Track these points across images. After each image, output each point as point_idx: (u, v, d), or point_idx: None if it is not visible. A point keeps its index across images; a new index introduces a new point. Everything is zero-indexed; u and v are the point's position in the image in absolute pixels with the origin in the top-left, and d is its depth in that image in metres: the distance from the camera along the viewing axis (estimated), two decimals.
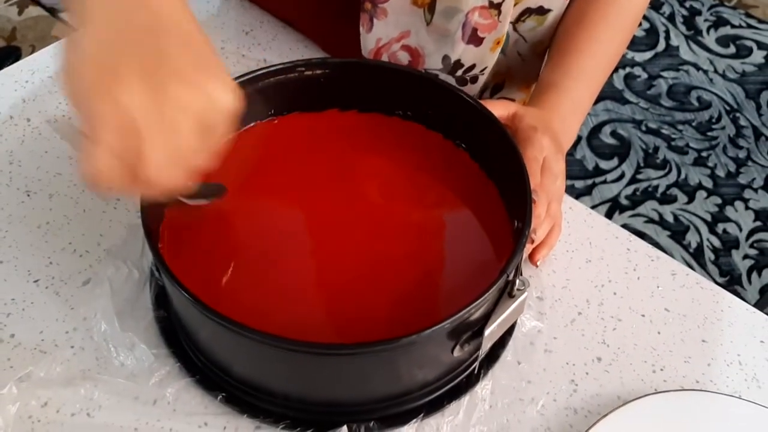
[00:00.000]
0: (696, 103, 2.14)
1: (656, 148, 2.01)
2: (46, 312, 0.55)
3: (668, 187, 1.92)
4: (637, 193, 1.89)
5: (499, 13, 0.63)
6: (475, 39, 0.65)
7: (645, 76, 2.21)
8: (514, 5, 0.68)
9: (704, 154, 2.01)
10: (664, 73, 2.22)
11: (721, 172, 1.97)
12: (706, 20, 2.40)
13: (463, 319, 0.47)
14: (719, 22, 2.40)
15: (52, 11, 2.18)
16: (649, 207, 1.87)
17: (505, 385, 0.54)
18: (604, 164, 1.95)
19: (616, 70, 2.20)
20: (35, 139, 0.66)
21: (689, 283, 0.62)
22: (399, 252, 0.57)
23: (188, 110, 0.34)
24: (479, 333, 0.50)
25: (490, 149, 0.59)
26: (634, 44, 2.29)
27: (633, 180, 1.92)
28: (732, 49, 2.32)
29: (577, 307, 0.59)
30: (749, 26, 2.40)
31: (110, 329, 0.53)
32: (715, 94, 2.17)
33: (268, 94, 0.61)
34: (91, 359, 0.53)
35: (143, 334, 0.53)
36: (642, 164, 1.97)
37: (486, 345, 0.51)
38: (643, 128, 2.06)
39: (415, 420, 0.51)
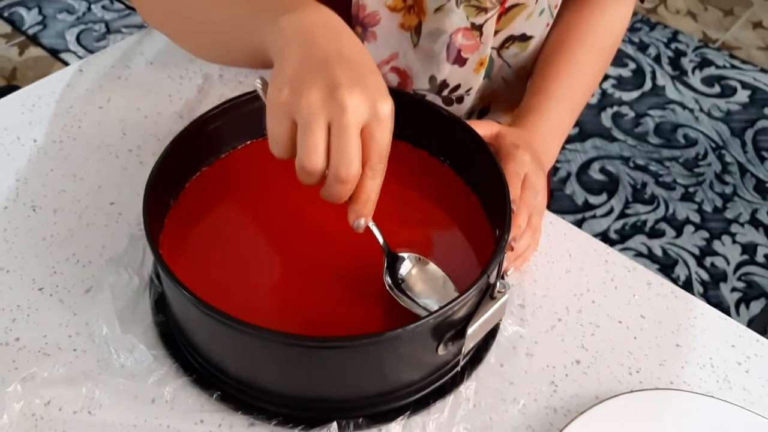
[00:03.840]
0: (682, 141, 2.20)
1: (644, 184, 2.05)
2: (50, 318, 0.58)
3: (656, 221, 1.95)
4: (626, 227, 1.92)
5: (481, 34, 0.67)
6: (459, 59, 0.69)
7: (632, 114, 2.26)
8: (498, 32, 0.72)
9: (691, 189, 2.05)
10: (651, 112, 2.27)
11: (708, 207, 2.01)
12: (691, 61, 2.47)
13: (446, 316, 0.50)
14: (704, 62, 2.47)
15: (53, 52, 2.23)
16: (638, 241, 1.91)
17: (488, 385, 0.57)
18: (594, 199, 1.99)
19: (603, 108, 2.27)
20: (41, 159, 0.69)
21: (664, 292, 0.65)
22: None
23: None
24: (462, 332, 0.52)
25: (474, 165, 0.63)
26: (622, 84, 2.35)
27: (622, 215, 1.96)
28: (717, 89, 2.38)
29: (557, 314, 0.62)
30: (733, 67, 2.47)
31: (111, 332, 0.56)
32: (701, 132, 2.22)
33: (263, 113, 0.64)
34: (92, 361, 0.55)
35: (143, 336, 0.56)
36: (630, 199, 2.01)
37: (469, 344, 0.54)
38: (631, 165, 2.10)
39: (402, 417, 0.54)
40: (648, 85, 2.37)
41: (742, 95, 2.37)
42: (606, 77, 2.37)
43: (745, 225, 1.98)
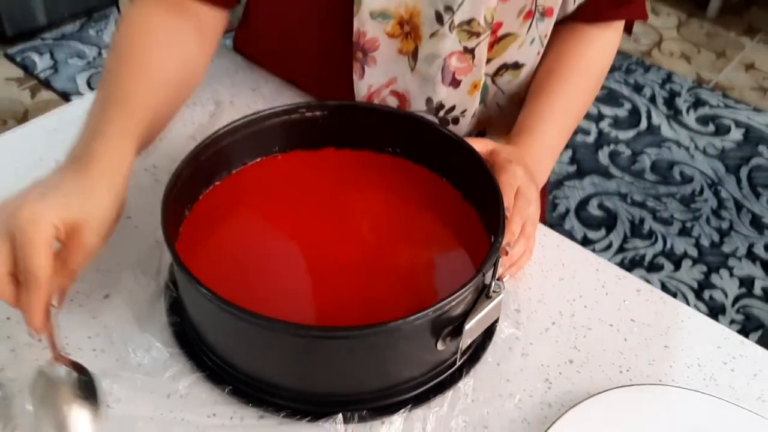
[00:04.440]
0: (679, 178, 2.24)
1: (642, 220, 2.09)
2: (71, 321, 0.61)
3: (655, 255, 1.99)
4: (625, 261, 1.95)
5: (473, 57, 0.72)
6: (453, 81, 0.74)
7: (629, 152, 2.31)
8: (492, 60, 0.77)
9: (689, 224, 2.09)
10: (647, 150, 2.32)
11: (705, 242, 2.04)
12: (685, 101, 2.53)
13: (444, 311, 0.53)
14: (698, 102, 2.53)
15: (64, 95, 2.30)
16: (637, 275, 1.90)
17: (485, 382, 0.60)
18: (592, 234, 2.03)
19: (601, 147, 2.32)
20: None
21: (653, 299, 0.68)
22: (389, 265, 0.63)
23: None
24: (460, 329, 0.56)
25: (470, 178, 0.67)
26: (618, 123, 2.41)
27: (620, 249, 2.00)
28: (711, 128, 2.43)
29: (551, 317, 0.66)
30: (727, 106, 2.53)
31: (129, 333, 0.59)
32: (697, 169, 2.27)
33: (273, 132, 0.69)
34: (111, 360, 0.59)
35: (159, 336, 0.59)
36: (629, 234, 2.04)
37: (466, 341, 0.57)
38: (629, 201, 2.14)
39: (403, 410, 0.57)
40: (644, 124, 2.43)
41: (736, 134, 2.42)
42: (602, 117, 2.43)
43: (742, 259, 2.01)
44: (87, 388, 0.54)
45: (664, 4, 2.98)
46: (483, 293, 0.57)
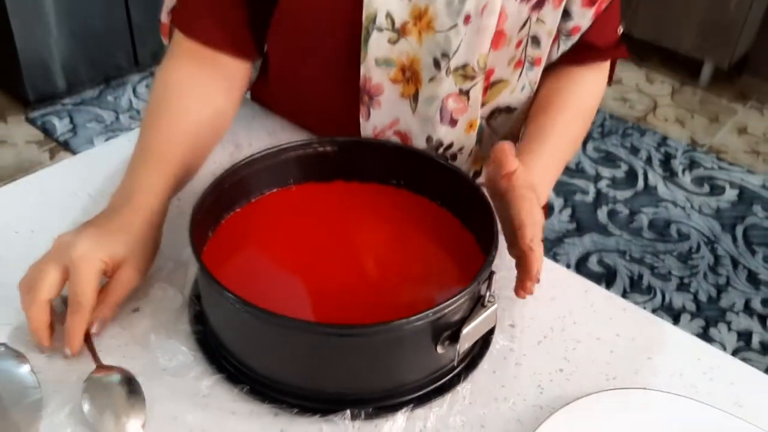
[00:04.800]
0: (676, 235, 2.30)
1: (640, 275, 2.14)
2: (98, 344, 0.67)
3: (654, 310, 2.03)
4: None
5: (469, 98, 0.80)
6: (451, 121, 0.81)
7: (627, 212, 2.38)
8: (486, 104, 0.85)
9: (686, 280, 2.14)
10: (645, 209, 2.40)
11: (703, 297, 2.09)
12: (680, 163, 2.61)
13: (443, 314, 0.59)
14: (693, 164, 2.62)
15: None
16: None
17: (482, 387, 0.65)
18: None
19: (599, 206, 2.39)
20: (95, 207, 0.80)
21: (638, 317, 0.74)
22: (392, 282, 0.70)
23: None
24: (457, 333, 0.61)
25: (467, 205, 0.73)
26: (616, 184, 2.49)
27: None
28: (706, 188, 2.51)
29: (543, 332, 0.71)
30: (721, 168, 2.61)
31: (157, 340, 0.65)
32: (693, 227, 2.33)
33: (289, 165, 0.76)
34: (140, 365, 0.64)
35: (184, 341, 0.65)
36: (628, 289, 2.09)
37: (463, 345, 0.62)
38: (628, 257, 2.20)
39: (406, 409, 0.62)
40: (641, 185, 2.51)
41: (731, 194, 2.50)
42: (600, 178, 2.51)
43: (739, 313, 2.05)
44: (133, 390, 0.61)
45: (658, 73, 3.10)
46: (479, 302, 0.63)
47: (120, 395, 0.61)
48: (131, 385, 0.62)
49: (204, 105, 0.79)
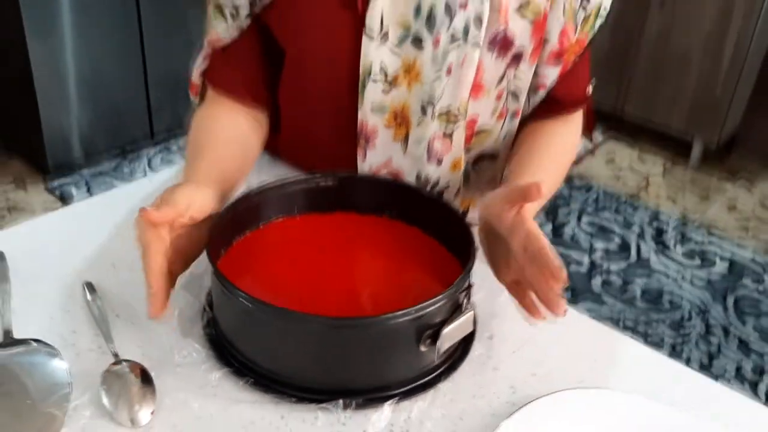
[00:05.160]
0: (668, 305, 2.38)
1: None
2: (122, 335, 0.75)
3: None
4: None
5: (452, 140, 0.90)
6: (437, 160, 0.91)
7: (620, 282, 2.46)
8: (471, 151, 0.95)
9: (678, 347, 2.20)
10: (638, 280, 2.47)
11: (695, 364, 2.14)
12: (672, 236, 2.71)
13: (424, 312, 0.68)
14: (684, 238, 2.71)
15: None
16: None
17: (461, 386, 0.73)
18: None
19: (593, 276, 2.47)
20: (120, 239, 0.90)
21: (602, 332, 0.82)
22: (383, 298, 0.78)
23: None
24: (438, 333, 0.69)
25: (451, 232, 0.82)
26: (609, 255, 2.57)
27: None
28: (697, 261, 2.59)
29: (518, 344, 0.79)
30: (711, 242, 2.70)
31: (173, 339, 0.74)
32: (685, 297, 2.41)
33: (294, 196, 0.86)
34: (157, 360, 0.72)
35: (198, 340, 0.74)
36: None
37: (443, 344, 0.70)
38: (621, 325, 2.27)
39: (392, 401, 0.70)
40: (633, 256, 2.59)
41: (722, 266, 2.58)
42: (594, 250, 2.60)
43: (731, 380, 2.10)
44: (146, 381, 0.69)
45: (649, 153, 3.23)
46: (458, 309, 0.72)
47: (133, 385, 0.69)
48: (144, 377, 0.69)
49: (235, 128, 0.94)
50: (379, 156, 0.93)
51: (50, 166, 2.74)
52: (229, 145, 0.90)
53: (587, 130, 1.02)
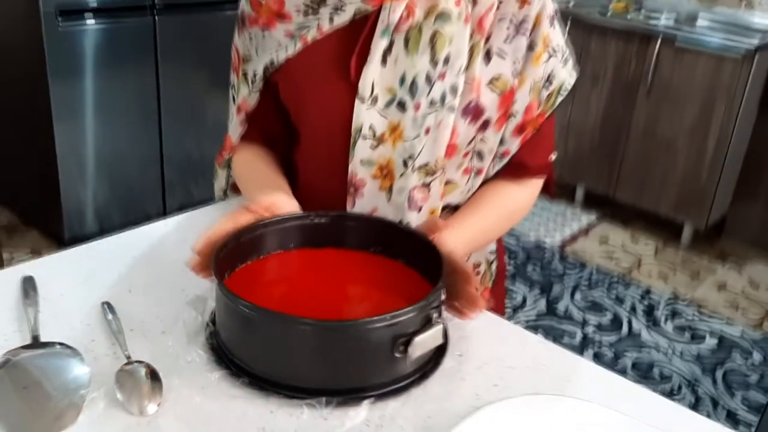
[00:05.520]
0: (658, 377, 2.44)
1: None
2: (135, 344, 0.86)
3: None
4: None
5: (430, 190, 1.03)
6: (416, 207, 1.04)
7: (611, 354, 2.54)
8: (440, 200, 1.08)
9: None
10: (629, 353, 2.55)
11: None
12: (663, 312, 2.79)
13: (398, 320, 0.78)
14: (675, 314, 2.79)
15: None
16: None
17: (431, 392, 0.83)
18: None
19: (586, 348, 2.55)
20: (144, 261, 1.02)
21: (556, 352, 0.92)
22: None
23: None
24: (410, 341, 0.80)
25: (425, 261, 0.94)
26: (601, 329, 2.66)
27: None
28: (687, 336, 2.67)
29: (485, 360, 0.89)
30: (701, 319, 2.78)
31: (180, 345, 0.84)
32: (675, 370, 2.47)
33: (290, 232, 0.98)
34: (165, 362, 0.83)
35: (201, 348, 0.84)
36: None
37: (414, 352, 0.81)
38: None
39: (368, 402, 0.79)
40: (625, 331, 2.67)
41: (711, 341, 2.65)
42: (587, 323, 2.69)
43: None
44: (154, 379, 0.79)
45: (642, 234, 3.35)
46: (429, 322, 0.82)
47: (143, 382, 0.79)
48: (152, 375, 0.80)
49: (269, 158, 1.15)
50: (366, 204, 1.05)
51: (66, 238, 2.87)
52: (270, 166, 1.13)
53: (547, 191, 1.16)
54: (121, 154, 2.97)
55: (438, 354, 0.88)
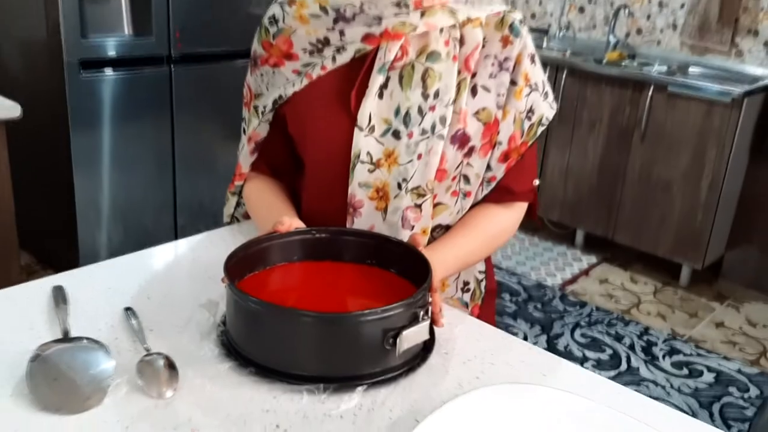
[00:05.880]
0: None
1: None
2: (154, 341, 0.96)
3: None
4: None
5: (421, 210, 1.14)
6: (409, 226, 1.14)
7: None
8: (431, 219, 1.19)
9: None
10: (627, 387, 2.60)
11: None
12: (661, 349, 2.86)
13: (388, 315, 0.88)
14: (673, 351, 2.85)
15: None
16: None
17: (419, 382, 0.92)
18: None
19: None
20: (161, 274, 1.12)
21: (533, 353, 1.01)
22: None
23: None
24: (398, 334, 0.90)
25: (415, 271, 1.04)
26: (600, 365, 2.72)
27: None
28: (685, 371, 2.73)
29: (469, 358, 0.98)
30: (699, 355, 2.84)
31: (194, 341, 0.94)
32: (673, 404, 2.53)
33: (293, 245, 1.09)
34: (180, 354, 0.92)
35: (213, 343, 0.94)
36: None
37: (403, 344, 0.90)
38: None
39: (361, 388, 0.89)
40: (624, 366, 2.74)
41: (708, 377, 2.71)
42: (586, 359, 2.75)
43: None
44: (171, 367, 0.89)
45: (641, 275, 3.43)
46: (416, 317, 0.92)
47: (161, 371, 0.89)
48: (170, 365, 0.90)
49: (276, 188, 1.28)
50: (364, 223, 1.16)
51: (80, 264, 2.97)
52: (278, 195, 1.26)
53: (530, 215, 1.27)
54: (136, 201, 3.10)
55: (425, 351, 0.97)
